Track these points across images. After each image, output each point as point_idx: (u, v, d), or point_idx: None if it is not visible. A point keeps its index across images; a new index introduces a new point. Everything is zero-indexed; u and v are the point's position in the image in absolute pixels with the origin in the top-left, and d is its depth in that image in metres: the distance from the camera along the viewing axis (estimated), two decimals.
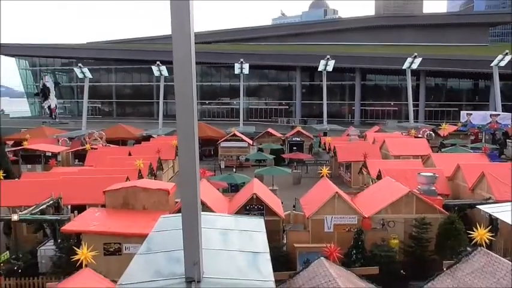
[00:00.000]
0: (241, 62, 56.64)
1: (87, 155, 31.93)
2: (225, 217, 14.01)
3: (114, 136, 44.68)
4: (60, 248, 15.67)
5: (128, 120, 66.96)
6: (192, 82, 6.49)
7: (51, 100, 73.57)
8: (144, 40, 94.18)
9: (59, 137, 43.48)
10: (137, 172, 23.62)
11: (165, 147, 33.67)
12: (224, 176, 25.99)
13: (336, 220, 17.03)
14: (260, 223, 12.94)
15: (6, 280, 14.20)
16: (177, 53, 6.33)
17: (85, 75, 54.66)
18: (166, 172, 32.81)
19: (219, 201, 18.92)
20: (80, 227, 15.69)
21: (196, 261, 7.97)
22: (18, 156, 34.67)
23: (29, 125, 57.50)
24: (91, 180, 21.00)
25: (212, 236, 10.90)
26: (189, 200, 7.69)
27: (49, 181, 21.06)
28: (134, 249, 14.24)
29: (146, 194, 17.67)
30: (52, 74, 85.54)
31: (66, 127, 58.39)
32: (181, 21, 6.20)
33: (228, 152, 39.91)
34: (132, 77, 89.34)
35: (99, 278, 10.29)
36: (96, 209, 17.68)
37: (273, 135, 44.35)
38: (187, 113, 6.82)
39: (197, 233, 7.94)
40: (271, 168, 29.01)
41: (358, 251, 15.63)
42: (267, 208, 17.46)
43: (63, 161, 35.42)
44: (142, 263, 9.81)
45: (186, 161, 7.27)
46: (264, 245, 10.99)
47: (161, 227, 12.03)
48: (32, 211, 17.14)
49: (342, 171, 33.31)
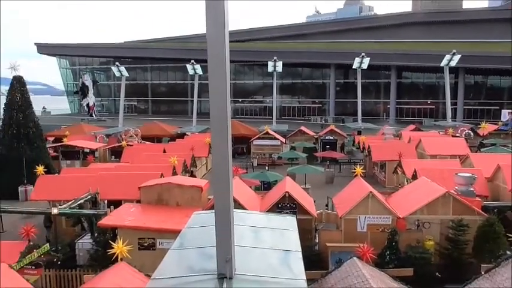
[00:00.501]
0: (275, 60, 56.56)
1: (123, 152, 32.71)
2: (257, 215, 14.03)
3: (150, 133, 45.57)
4: (97, 242, 16.13)
5: (163, 117, 68.09)
6: (226, 80, 6.52)
7: (90, 98, 75.68)
8: (179, 39, 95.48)
9: (96, 133, 44.76)
10: (171, 169, 23.99)
11: (198, 144, 34.07)
12: (256, 173, 26.05)
13: (370, 220, 16.78)
14: (292, 221, 12.89)
15: (47, 271, 14.72)
16: (211, 51, 6.37)
17: (122, 73, 55.96)
18: (200, 169, 33.21)
19: (251, 198, 18.99)
20: (115, 221, 16.10)
21: (228, 258, 8.01)
22: (58, 152, 35.89)
23: (68, 122, 59.49)
24: (127, 176, 21.49)
25: (244, 233, 10.95)
26: (222, 197, 7.73)
27: (87, 177, 21.70)
28: (167, 244, 14.50)
29: (180, 191, 17.93)
30: (91, 73, 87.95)
31: (104, 124, 59.94)
32: (216, 19, 6.23)
33: (260, 150, 40.01)
34: (167, 75, 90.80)
35: (134, 272, 10.53)
36: (132, 205, 18.09)
37: (306, 134, 44.10)
38: (221, 111, 6.85)
39: (230, 230, 7.98)
40: (304, 167, 28.86)
41: (392, 251, 15.35)
42: (299, 206, 17.39)
43: (100, 157, 36.42)
44: (175, 259, 9.96)
45: (219, 159, 7.31)
46: (296, 244, 10.95)
47: (194, 223, 12.18)
48: (71, 205, 17.71)
49: (376, 170, 32.79)
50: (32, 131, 29.82)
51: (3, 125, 30.13)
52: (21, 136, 29.11)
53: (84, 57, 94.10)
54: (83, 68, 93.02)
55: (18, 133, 29.11)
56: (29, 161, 27.64)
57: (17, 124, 29.32)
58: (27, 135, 29.43)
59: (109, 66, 76.65)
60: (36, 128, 30.60)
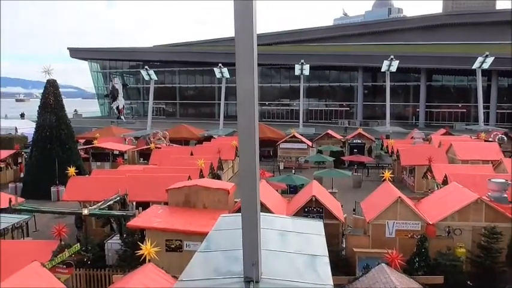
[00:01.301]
0: (302, 63, 56.35)
1: (152, 154, 33.18)
2: (283, 218, 14.00)
3: (177, 136, 46.08)
4: (126, 243, 16.37)
5: (190, 120, 68.77)
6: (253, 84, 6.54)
7: (119, 101, 77.20)
8: (206, 43, 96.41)
9: (125, 136, 45.53)
10: (199, 171, 24.18)
11: (225, 147, 34.22)
12: (283, 177, 25.98)
13: (398, 226, 16.48)
14: (319, 226, 12.80)
15: (77, 270, 15.04)
16: (239, 54, 6.41)
17: (151, 77, 56.82)
18: (226, 172, 33.35)
19: (278, 202, 18.94)
20: (144, 223, 16.31)
21: (255, 262, 8.02)
22: (89, 153, 36.69)
23: (98, 125, 60.74)
24: (155, 178, 21.78)
25: (270, 236, 10.93)
26: (249, 200, 7.75)
27: (116, 178, 22.09)
28: (194, 246, 14.60)
29: (207, 193, 18.05)
30: (120, 76, 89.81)
31: (133, 127, 60.94)
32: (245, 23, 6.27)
33: (287, 153, 39.89)
34: (195, 78, 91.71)
35: (161, 273, 10.64)
36: (159, 206, 18.31)
37: (333, 137, 43.71)
38: (249, 114, 6.88)
39: (256, 234, 7.98)
40: (331, 171, 28.62)
41: (422, 258, 15.01)
42: (326, 211, 17.24)
43: (129, 159, 37.06)
44: (202, 261, 10.03)
45: (246, 162, 7.33)
46: (323, 248, 10.86)
47: (221, 226, 12.24)
48: (101, 206, 18.03)
49: (405, 175, 32.20)
50: (64, 133, 30.53)
51: (37, 127, 30.97)
52: (54, 138, 29.82)
53: (115, 61, 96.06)
54: (113, 72, 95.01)
55: (51, 135, 29.85)
56: (61, 162, 28.30)
57: (50, 126, 30.07)
58: (60, 137, 30.14)
59: (138, 69, 77.96)
60: (68, 130, 31.34)
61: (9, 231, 16.83)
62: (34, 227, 20.32)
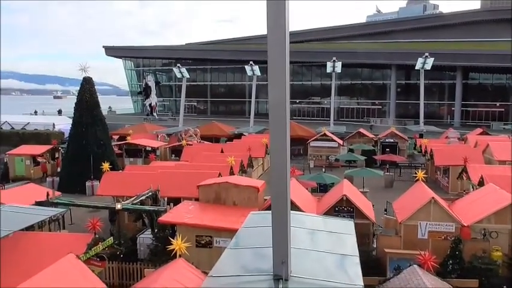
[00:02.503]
0: (334, 60, 55.80)
1: (183, 151, 33.61)
2: (313, 217, 13.92)
3: (208, 133, 46.52)
4: (157, 238, 16.66)
5: (221, 118, 69.25)
6: (285, 82, 6.53)
7: (152, 98, 78.49)
8: (238, 41, 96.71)
9: (158, 133, 46.30)
10: (229, 168, 24.33)
11: (255, 145, 34.30)
12: (313, 175, 25.84)
13: (431, 227, 16.11)
14: (349, 225, 12.66)
15: (110, 263, 15.42)
16: (271, 52, 6.40)
17: (183, 75, 57.52)
18: (256, 169, 33.43)
19: (308, 200, 18.85)
20: (175, 218, 16.54)
21: (284, 260, 8.01)
22: (123, 150, 37.49)
23: (132, 121, 61.98)
24: (186, 174, 22.05)
25: (300, 235, 10.89)
26: (279, 198, 7.75)
27: (148, 174, 22.50)
28: (224, 243, 14.72)
29: (237, 190, 18.14)
30: (153, 74, 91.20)
31: (165, 124, 61.87)
32: (277, 20, 6.25)
33: (317, 152, 39.63)
34: (226, 76, 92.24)
35: (191, 269, 10.76)
36: (190, 202, 18.52)
37: (365, 136, 43.13)
38: (280, 113, 6.87)
39: (286, 232, 7.97)
40: (362, 170, 28.25)
41: (455, 261, 14.64)
42: (357, 210, 17.04)
43: (161, 156, 37.64)
44: (232, 257, 10.10)
45: (277, 160, 7.33)
46: (353, 248, 10.74)
47: (250, 223, 12.29)
48: (133, 201, 18.40)
49: (439, 175, 31.44)
50: (99, 130, 31.24)
51: (74, 123, 31.85)
52: (89, 134, 30.61)
53: (148, 59, 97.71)
54: (147, 70, 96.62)
55: (86, 131, 30.63)
56: (95, 157, 29.07)
57: (85, 123, 30.84)
58: (95, 133, 30.88)
59: (171, 67, 79.02)
60: (103, 126, 32.09)
61: (47, 224, 17.40)
62: (70, 220, 20.92)
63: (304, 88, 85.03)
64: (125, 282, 15.64)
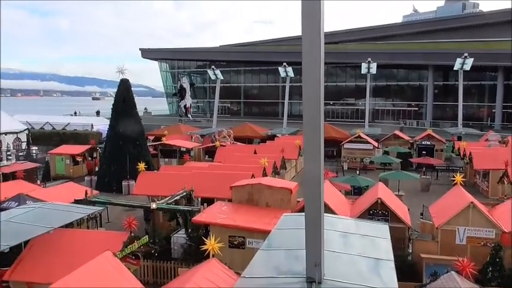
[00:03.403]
0: (369, 61, 55.00)
1: (217, 152, 33.89)
2: (346, 220, 13.76)
3: (241, 134, 46.75)
4: (190, 237, 16.87)
5: (254, 119, 69.45)
6: (320, 83, 6.49)
7: (187, 100, 79.56)
8: (271, 42, 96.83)
9: (192, 134, 46.90)
10: (262, 170, 24.36)
11: (288, 146, 34.19)
12: (347, 178, 25.52)
13: (470, 232, 15.62)
14: (384, 229, 12.44)
15: (144, 261, 15.72)
16: (306, 53, 6.38)
17: (217, 76, 58.05)
18: (289, 171, 33.32)
19: (341, 203, 18.65)
20: (208, 218, 16.69)
21: (317, 262, 7.95)
22: (158, 150, 38.17)
23: (167, 122, 63.03)
24: (219, 175, 22.23)
25: (333, 238, 10.79)
26: (313, 200, 7.70)
27: (183, 174, 22.81)
28: (257, 244, 14.74)
29: (270, 192, 18.13)
30: (188, 76, 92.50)
31: (199, 125, 62.59)
32: (312, 21, 6.22)
33: (351, 154, 39.15)
34: (259, 78, 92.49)
35: (224, 269, 10.83)
36: (223, 203, 18.65)
37: (401, 138, 42.28)
38: (314, 114, 6.83)
39: (320, 234, 7.91)
40: (398, 173, 27.67)
41: (496, 268, 14.12)
42: (392, 214, 16.72)
43: (195, 156, 38.10)
44: (264, 259, 10.11)
45: (311, 162, 7.29)
46: (388, 252, 10.55)
47: (283, 225, 12.26)
48: (168, 201, 18.72)
49: (478, 179, 30.44)
50: (135, 130, 31.86)
51: (111, 123, 32.67)
52: (126, 135, 31.28)
53: (183, 61, 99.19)
54: (181, 71, 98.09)
55: (123, 132, 31.23)
56: (131, 158, 29.69)
57: (122, 123, 31.60)
58: (131, 134, 31.48)
59: (205, 69, 79.92)
60: (139, 127, 32.69)
61: (85, 221, 17.92)
62: (107, 218, 21.47)
63: (338, 89, 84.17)
64: (159, 281, 15.90)
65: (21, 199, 18.57)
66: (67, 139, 47.38)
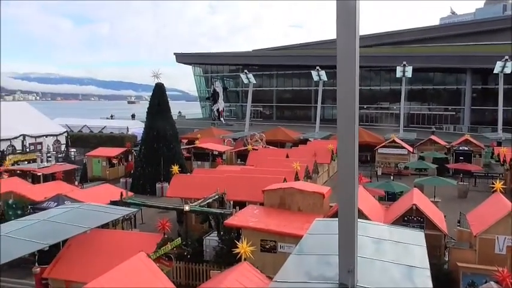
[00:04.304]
0: (404, 64, 54.00)
1: (249, 155, 33.99)
2: (379, 226, 13.52)
3: (274, 138, 46.70)
4: (222, 240, 16.96)
5: (286, 123, 69.32)
6: (354, 87, 6.42)
7: (220, 104, 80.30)
8: (303, 46, 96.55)
9: (224, 137, 47.21)
10: (294, 174, 24.26)
11: (321, 151, 33.94)
12: (381, 183, 25.08)
13: (510, 242, 15.03)
14: (419, 236, 12.16)
15: (177, 263, 15.92)
16: (341, 57, 6.33)
17: (250, 80, 58.32)
18: (322, 175, 33.05)
19: (375, 209, 18.33)
20: (240, 222, 16.76)
21: (351, 269, 7.85)
22: (191, 153, 38.64)
23: (200, 126, 63.73)
24: (251, 179, 22.27)
25: (366, 243, 10.63)
26: (347, 205, 7.61)
27: (215, 177, 22.98)
28: (288, 248, 14.69)
29: (302, 196, 18.03)
30: (221, 80, 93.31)
31: (231, 128, 62.99)
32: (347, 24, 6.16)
33: (385, 159, 38.48)
34: (292, 81, 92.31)
35: (256, 273, 10.84)
36: (255, 207, 18.68)
37: (437, 143, 41.23)
38: (349, 118, 6.76)
39: (353, 240, 7.81)
40: (434, 178, 26.97)
41: None
42: (427, 221, 16.32)
43: (227, 160, 38.33)
44: (296, 263, 10.05)
45: (345, 167, 7.21)
46: (423, 260, 10.30)
47: (315, 229, 12.17)
48: (201, 204, 18.91)
49: None
50: (169, 133, 32.43)
51: (146, 127, 33.32)
52: (160, 138, 31.82)
53: (216, 65, 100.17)
54: (215, 76, 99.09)
55: (157, 135, 31.88)
56: (165, 160, 30.18)
57: (157, 127, 32.17)
58: (165, 137, 32.06)
59: (238, 73, 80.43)
60: (173, 130, 33.25)
61: (120, 222, 18.32)
62: (141, 219, 21.89)
63: (372, 93, 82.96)
64: (191, 283, 16.07)
65: (60, 199, 19.19)
66: (103, 142, 48.62)
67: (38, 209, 18.62)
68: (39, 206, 19.19)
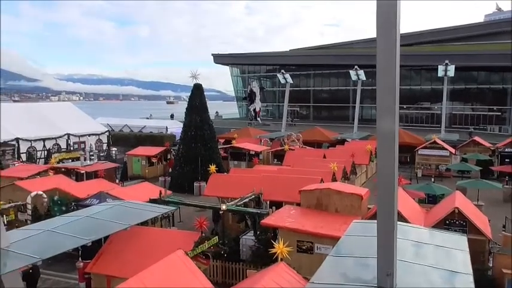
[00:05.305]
0: (446, 63, 52.42)
1: (285, 155, 33.92)
2: (419, 229, 13.19)
3: (310, 138, 46.38)
4: (259, 240, 17.01)
5: (323, 123, 68.69)
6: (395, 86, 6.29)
7: (256, 104, 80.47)
8: (341, 45, 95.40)
9: (261, 137, 47.29)
10: (331, 175, 24.03)
11: (359, 151, 33.43)
12: (421, 185, 24.44)
13: None
14: (461, 241, 11.79)
15: (214, 261, 16.09)
16: (381, 56, 6.22)
17: (286, 80, 58.18)
18: (359, 177, 32.57)
19: (415, 211, 17.92)
20: (276, 222, 16.74)
21: (390, 272, 7.70)
22: (228, 153, 38.94)
23: (236, 126, 64.13)
24: (288, 179, 22.22)
25: (405, 247, 10.40)
26: (386, 207, 7.46)
27: (252, 177, 23.06)
28: (325, 250, 14.56)
29: (339, 197, 17.83)
30: (258, 80, 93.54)
31: (268, 128, 63.02)
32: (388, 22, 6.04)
33: (426, 160, 37.49)
34: (329, 81, 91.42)
35: (293, 273, 10.81)
36: (292, 207, 18.62)
37: (481, 145, 39.78)
38: (389, 119, 6.63)
39: (392, 243, 7.65)
40: (477, 181, 26.03)
41: None
42: (470, 225, 15.79)
43: (264, 160, 38.38)
44: (334, 265, 9.95)
45: (384, 168, 7.08)
46: (465, 265, 9.98)
47: (353, 231, 12.01)
48: (237, 203, 19.03)
49: None
50: (207, 133, 32.80)
51: (184, 126, 33.83)
52: (198, 137, 32.21)
53: (253, 65, 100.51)
54: (252, 76, 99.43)
55: (195, 134, 32.32)
56: (203, 160, 30.56)
57: (195, 126, 32.58)
58: (203, 136, 32.45)
59: (275, 73, 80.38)
60: (211, 130, 33.62)
61: (159, 220, 18.71)
62: (179, 217, 22.25)
63: (413, 93, 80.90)
64: (228, 281, 16.20)
65: (101, 197, 19.79)
66: (143, 141, 49.75)
67: (81, 205, 19.30)
68: (82, 202, 19.87)
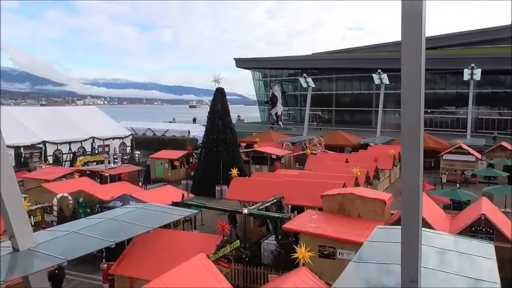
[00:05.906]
0: (472, 67, 51.43)
1: (307, 160, 33.77)
2: (444, 235, 12.95)
3: (332, 143, 46.07)
4: (280, 244, 16.96)
5: (346, 127, 68.14)
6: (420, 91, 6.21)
7: (278, 108, 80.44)
8: (363, 49, 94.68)
9: (283, 141, 47.21)
10: (354, 179, 23.81)
11: (382, 156, 33.03)
12: (446, 191, 23.98)
13: None
14: (488, 248, 11.53)
15: (235, 265, 16.10)
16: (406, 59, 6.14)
17: (308, 84, 58.02)
18: (383, 182, 32.17)
19: (440, 217, 17.58)
20: (298, 226, 16.67)
21: (414, 279, 7.57)
22: (249, 157, 39.00)
23: (258, 130, 64.25)
24: (310, 183, 22.11)
25: (429, 253, 10.23)
26: (410, 213, 7.34)
27: (274, 181, 23.04)
28: (347, 255, 14.42)
29: (362, 202, 17.65)
30: (280, 84, 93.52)
31: (289, 133, 62.84)
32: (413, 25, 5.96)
33: (451, 166, 36.78)
34: (352, 85, 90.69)
35: (315, 279, 10.73)
36: (314, 212, 18.51)
37: (508, 150, 38.82)
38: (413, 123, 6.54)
39: (417, 249, 7.52)
40: (505, 187, 25.37)
41: None
42: (497, 232, 15.40)
43: (285, 164, 38.30)
44: (356, 271, 9.86)
45: (409, 173, 6.97)
46: (492, 273, 9.76)
47: (376, 237, 11.87)
48: (259, 207, 19.02)
49: None
50: (228, 137, 32.93)
51: (206, 130, 34.06)
52: (220, 141, 32.38)
53: (275, 69, 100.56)
54: (273, 80, 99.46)
55: (217, 138, 32.48)
56: (225, 163, 30.66)
57: (217, 130, 32.75)
58: (225, 140, 32.60)
59: (297, 77, 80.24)
60: (232, 134, 33.73)
61: (181, 223, 18.84)
62: (200, 221, 22.38)
63: (437, 97, 79.51)
64: (249, 285, 16.19)
65: (125, 199, 20.08)
66: (166, 144, 50.32)
67: (105, 207, 19.62)
68: (106, 205, 20.20)
